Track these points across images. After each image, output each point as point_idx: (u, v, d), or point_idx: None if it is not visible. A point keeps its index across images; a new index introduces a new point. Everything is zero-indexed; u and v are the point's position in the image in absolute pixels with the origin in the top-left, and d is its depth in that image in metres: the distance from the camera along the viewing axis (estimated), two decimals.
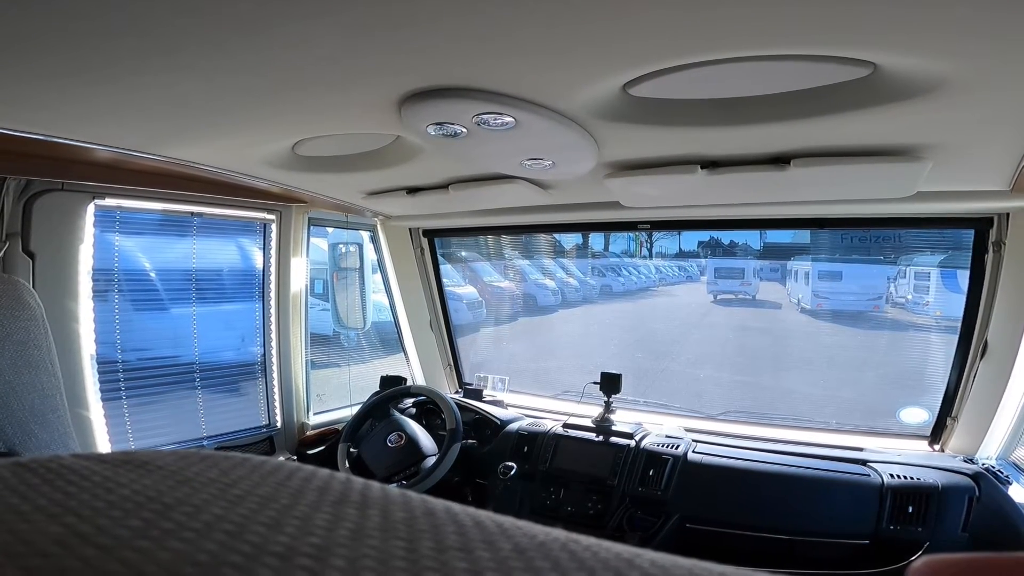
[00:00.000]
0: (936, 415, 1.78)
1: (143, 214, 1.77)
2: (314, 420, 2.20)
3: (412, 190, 1.67)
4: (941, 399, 1.75)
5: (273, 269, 2.05)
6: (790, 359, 6.18)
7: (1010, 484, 1.48)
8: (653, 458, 1.73)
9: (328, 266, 2.33)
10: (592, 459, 1.81)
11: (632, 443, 1.79)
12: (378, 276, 2.47)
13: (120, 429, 1.72)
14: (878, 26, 0.60)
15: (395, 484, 1.78)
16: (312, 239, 2.16)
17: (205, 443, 1.92)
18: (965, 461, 1.60)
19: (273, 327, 2.07)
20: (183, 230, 1.88)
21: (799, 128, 0.97)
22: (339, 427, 2.18)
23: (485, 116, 0.90)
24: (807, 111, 0.89)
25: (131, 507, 0.18)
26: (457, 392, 2.52)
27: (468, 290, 5.90)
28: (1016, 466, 1.58)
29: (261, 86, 0.85)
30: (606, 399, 1.94)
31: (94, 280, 1.61)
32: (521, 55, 0.72)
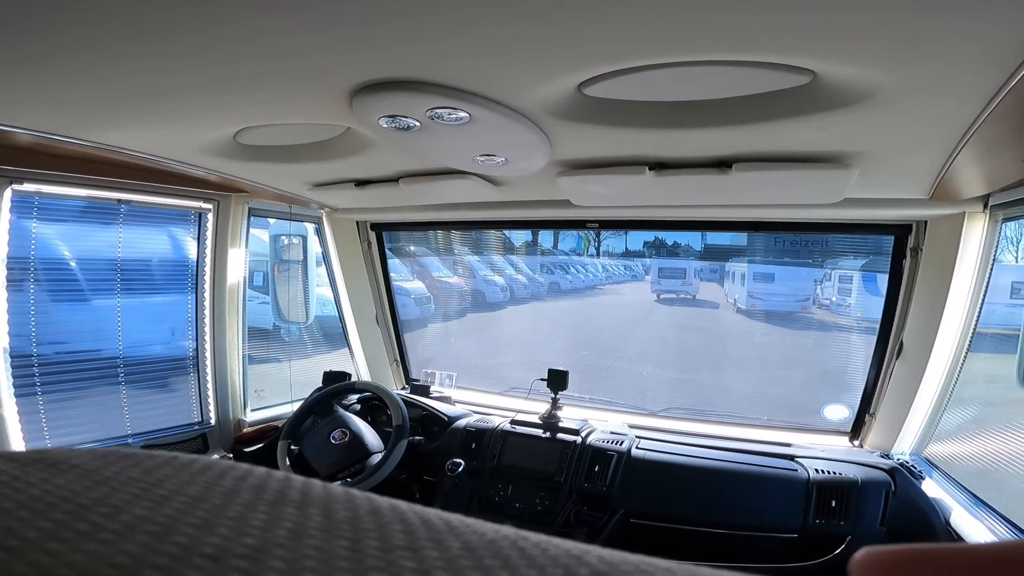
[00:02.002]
0: (856, 412, 1.89)
1: (65, 200, 1.65)
2: (252, 417, 2.13)
3: (361, 183, 1.63)
4: (861, 397, 1.87)
5: (208, 260, 1.95)
6: (727, 357, 6.46)
7: (923, 479, 1.58)
8: (598, 454, 1.77)
9: (269, 258, 2.24)
10: (539, 455, 1.83)
11: (578, 439, 1.82)
12: (322, 269, 2.40)
13: (35, 427, 1.60)
14: (816, 34, 0.63)
15: (339, 482, 1.73)
16: (253, 230, 2.07)
17: (130, 441, 1.82)
18: (882, 456, 1.71)
19: (207, 320, 1.98)
20: (109, 218, 1.76)
21: (742, 133, 1.01)
22: (279, 424, 2.11)
23: (439, 110, 0.88)
24: (750, 117, 0.93)
25: (42, 508, 0.17)
26: (404, 388, 2.49)
27: (416, 285, 5.82)
28: (928, 461, 1.70)
29: (202, 73, 0.80)
30: (553, 396, 1.97)
31: (8, 269, 1.50)
32: (479, 51, 0.72)
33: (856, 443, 1.88)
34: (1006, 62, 0.64)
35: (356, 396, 2.11)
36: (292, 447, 1.89)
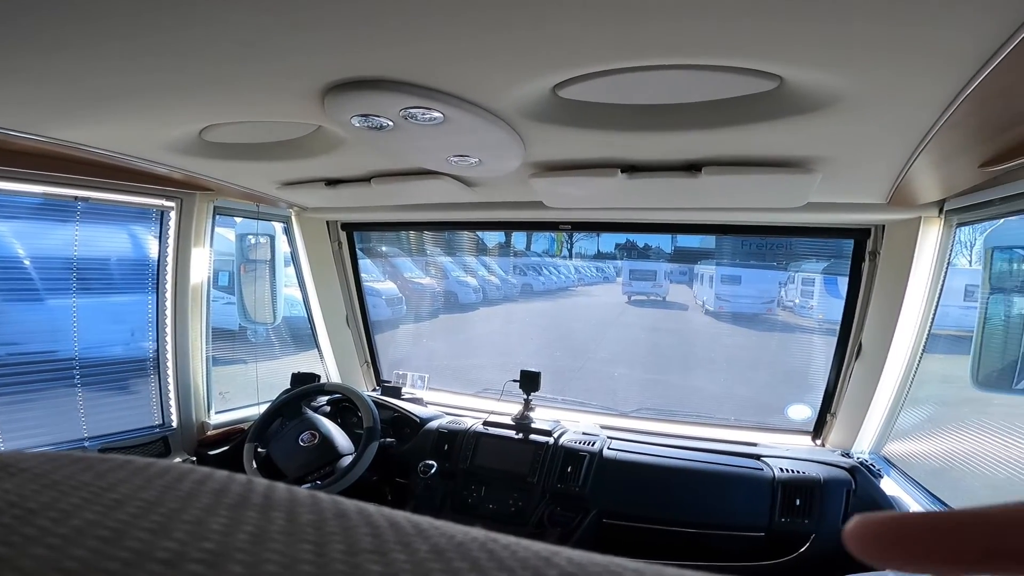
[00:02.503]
0: (818, 412, 1.95)
1: (19, 197, 1.58)
2: (216, 419, 2.08)
3: (331, 182, 1.60)
4: (822, 397, 1.92)
5: (170, 260, 1.90)
6: (695, 358, 6.59)
7: (881, 477, 1.63)
8: (571, 455, 1.78)
9: (235, 258, 2.19)
10: (512, 456, 1.83)
11: (551, 440, 1.83)
12: (291, 269, 2.35)
13: None
14: (783, 40, 0.64)
15: (309, 484, 1.73)
16: (218, 229, 2.01)
17: (87, 444, 1.76)
18: (843, 455, 1.76)
19: (169, 321, 1.92)
20: (66, 215, 1.70)
21: (711, 137, 1.03)
22: (245, 426, 2.07)
23: (413, 110, 0.88)
24: (720, 121, 0.95)
25: None
26: (375, 390, 2.47)
27: (388, 286, 5.76)
28: (887, 460, 1.75)
29: (168, 70, 0.78)
30: (526, 397, 1.97)
31: None
32: (454, 51, 0.71)
33: (818, 442, 1.93)
34: (962, 70, 0.67)
35: (325, 398, 2.08)
36: (259, 450, 1.86)
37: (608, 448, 1.80)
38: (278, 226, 2.24)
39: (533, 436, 1.87)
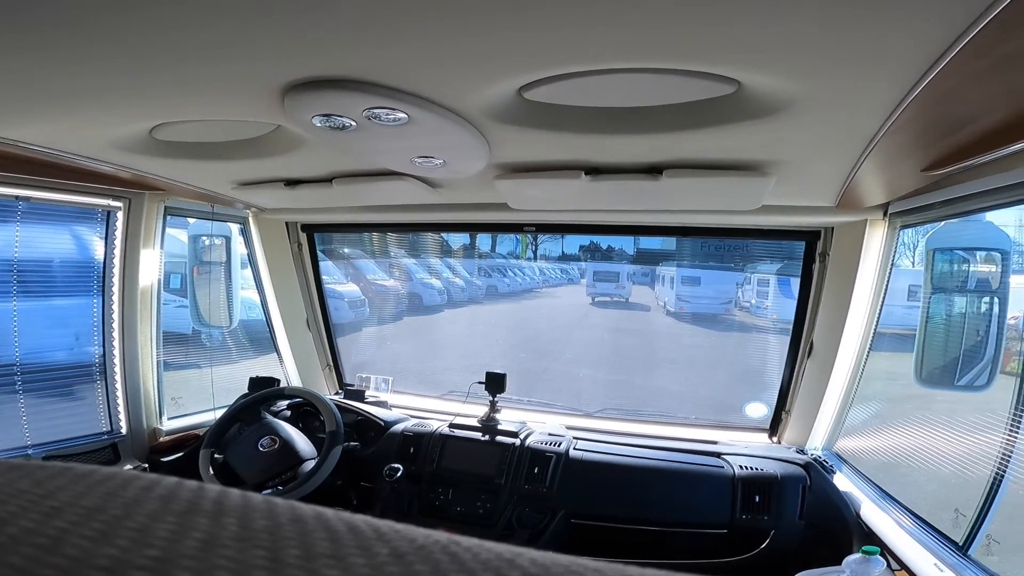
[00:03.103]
0: (774, 409, 2.01)
1: None
2: (169, 425, 2.01)
3: (291, 182, 1.56)
4: (777, 394, 1.98)
5: (118, 261, 1.82)
6: (657, 358, 6.72)
7: (834, 473, 1.69)
8: (537, 456, 1.79)
9: (187, 259, 2.11)
10: (479, 458, 1.83)
11: (517, 442, 1.84)
12: (248, 271, 2.28)
13: None
14: (741, 45, 0.66)
15: (269, 490, 1.70)
16: (170, 230, 1.94)
17: (31, 452, 1.69)
18: (797, 452, 1.82)
19: (116, 325, 1.85)
20: (5, 215, 1.62)
21: (672, 141, 1.05)
22: (200, 432, 2.02)
23: (377, 110, 0.86)
24: (680, 124, 0.97)
25: None
26: (337, 393, 2.43)
27: (350, 288, 5.65)
28: (838, 456, 1.82)
29: (116, 66, 0.74)
30: (491, 399, 1.97)
31: None
32: (420, 52, 0.70)
33: (774, 439, 1.99)
34: (905, 76, 0.70)
35: (286, 402, 2.04)
36: (216, 456, 1.80)
37: (574, 449, 1.82)
38: (234, 227, 2.18)
39: (499, 438, 1.87)
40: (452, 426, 1.94)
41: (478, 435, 1.89)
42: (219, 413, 1.99)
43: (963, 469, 1.61)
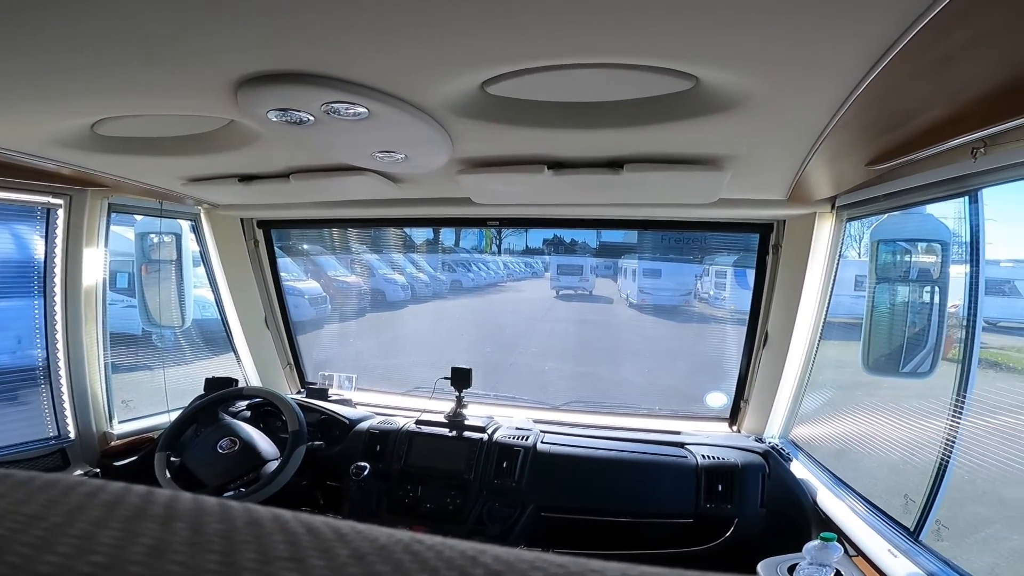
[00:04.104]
0: (733, 399, 2.06)
1: None
2: (121, 428, 1.94)
3: (246, 178, 1.51)
4: (736, 384, 2.04)
5: (59, 261, 1.73)
6: (621, 350, 6.84)
7: (791, 460, 1.75)
8: (506, 450, 1.80)
9: (135, 258, 2.02)
10: (447, 454, 1.82)
11: (485, 437, 1.84)
12: (202, 269, 2.20)
13: None
14: (698, 41, 0.68)
15: (232, 492, 1.66)
16: (115, 227, 1.86)
17: None
18: (756, 440, 1.88)
19: (59, 326, 1.76)
20: None
21: (633, 135, 1.07)
22: (155, 435, 1.94)
23: (336, 105, 0.84)
24: (640, 119, 0.98)
25: None
26: (299, 392, 2.38)
27: (311, 285, 5.53)
28: (794, 443, 1.88)
29: (55, 58, 0.70)
30: (458, 394, 1.96)
31: None
32: (381, 45, 0.69)
33: (734, 428, 2.04)
34: (852, 74, 0.73)
35: (245, 403, 1.99)
36: (172, 458, 1.75)
37: (542, 442, 1.83)
38: (184, 224, 2.09)
39: (467, 433, 1.86)
40: (419, 423, 1.93)
41: (445, 431, 1.89)
42: (174, 415, 1.93)
43: (910, 455, 1.69)
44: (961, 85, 0.80)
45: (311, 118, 0.90)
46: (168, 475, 1.71)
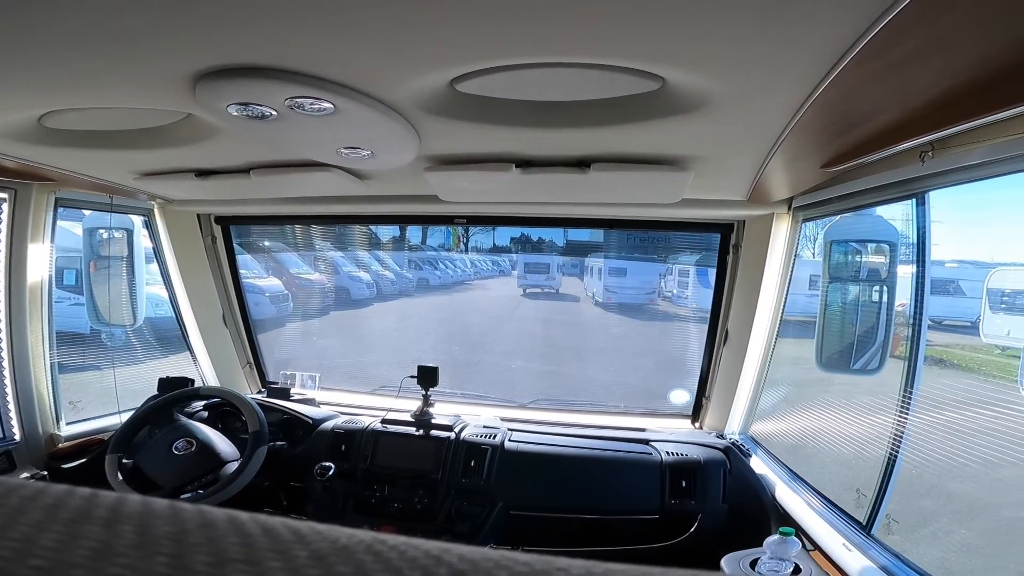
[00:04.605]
0: (695, 396, 2.10)
1: None
2: (69, 430, 1.86)
3: (203, 173, 1.46)
4: (698, 381, 2.08)
5: (2, 257, 1.65)
6: (587, 348, 6.91)
7: (750, 456, 1.80)
8: (473, 449, 1.79)
9: (83, 254, 1.94)
10: (414, 453, 1.81)
11: (452, 435, 1.83)
12: (155, 266, 2.13)
13: None
14: (664, 42, 0.69)
15: (189, 494, 1.62)
16: (61, 222, 1.78)
17: None
18: (717, 437, 1.92)
19: (2, 324, 1.69)
20: None
21: (600, 135, 1.08)
22: (105, 437, 1.87)
23: (301, 100, 0.82)
24: (607, 119, 1.00)
25: None
26: (260, 392, 2.33)
27: (272, 282, 5.39)
28: (754, 439, 1.93)
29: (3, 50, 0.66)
30: (424, 393, 1.95)
31: None
32: (348, 39, 0.68)
33: (696, 425, 2.08)
34: (809, 77, 0.76)
35: (202, 403, 1.93)
36: (124, 460, 1.68)
37: (509, 440, 1.83)
38: (137, 219, 2.01)
39: (434, 432, 1.85)
40: (385, 422, 1.91)
41: (412, 430, 1.87)
42: (126, 417, 1.86)
43: (861, 450, 1.75)
44: (911, 90, 0.84)
45: (274, 113, 0.87)
46: (120, 477, 1.65)
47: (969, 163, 1.00)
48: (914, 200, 1.32)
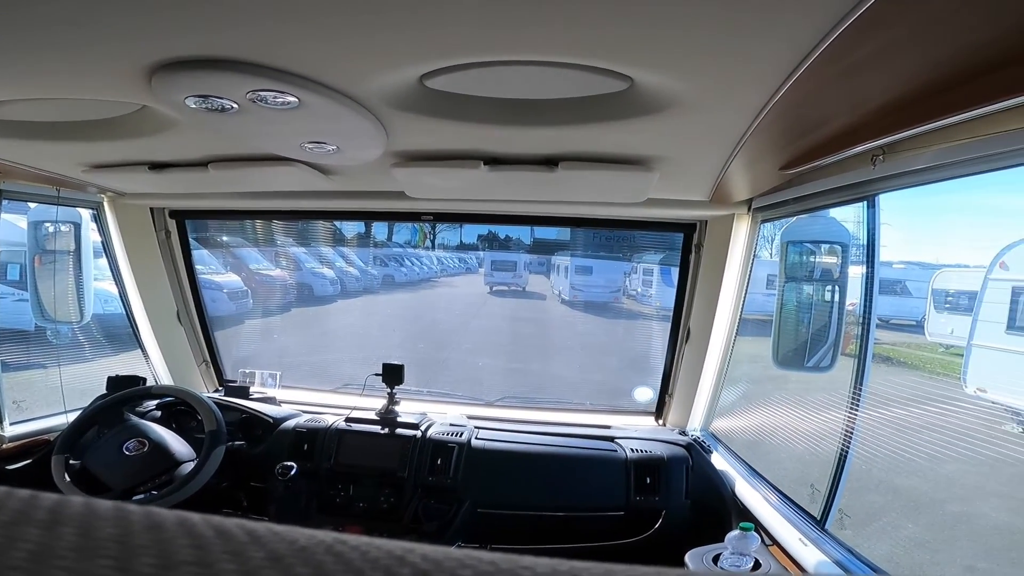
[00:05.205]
0: (658, 393, 2.14)
1: None
2: (13, 431, 1.79)
3: (157, 166, 1.41)
4: (661, 379, 2.11)
5: None
6: (554, 346, 6.96)
7: (711, 453, 1.83)
8: (440, 447, 1.78)
9: (27, 249, 1.84)
10: (379, 452, 1.79)
11: (418, 433, 1.82)
12: (105, 260, 2.04)
13: None
14: (633, 42, 0.70)
15: (142, 496, 1.57)
16: (5, 215, 1.69)
17: None
18: (680, 433, 1.96)
19: None
20: None
21: (568, 134, 1.09)
22: (51, 437, 1.80)
23: (264, 93, 0.80)
24: (576, 118, 1.00)
25: None
26: (217, 391, 2.26)
27: (230, 278, 5.22)
28: (714, 436, 1.98)
29: None
30: (389, 391, 1.93)
31: None
32: (314, 32, 0.66)
33: (660, 422, 2.12)
34: (771, 81, 0.78)
35: (155, 402, 1.87)
36: (71, 461, 1.62)
37: (476, 438, 1.83)
38: (85, 212, 1.92)
39: (400, 430, 1.83)
40: (349, 420, 1.88)
41: (377, 428, 1.85)
42: (73, 417, 1.79)
43: (815, 445, 1.82)
44: (865, 95, 0.87)
45: (235, 106, 0.84)
46: (67, 479, 1.59)
47: (917, 167, 1.04)
48: (865, 203, 1.37)
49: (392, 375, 1.92)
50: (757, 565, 1.31)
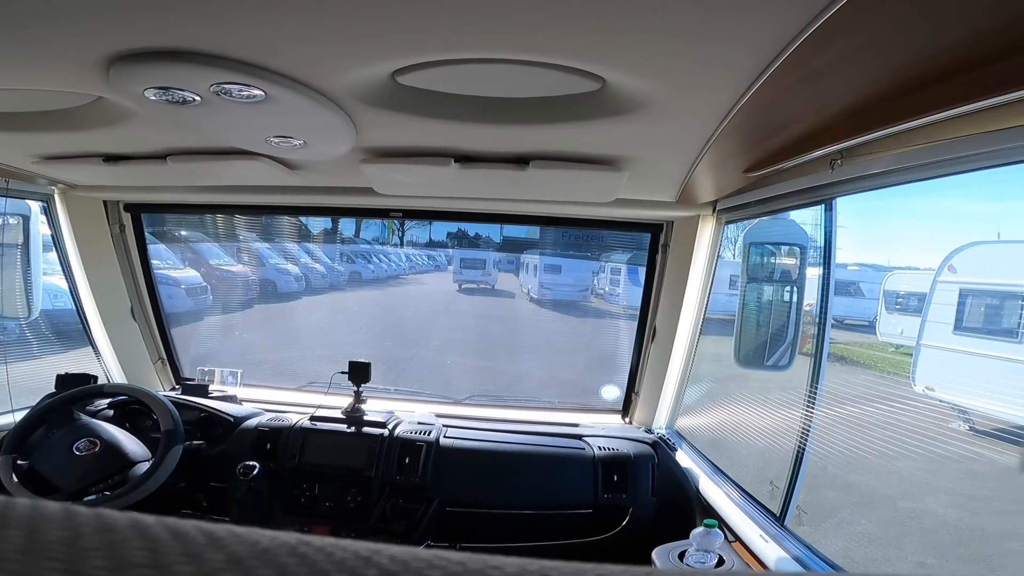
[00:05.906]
0: (625, 391, 2.17)
1: None
2: None
3: (112, 158, 1.35)
4: (627, 377, 2.15)
5: None
6: (523, 344, 6.96)
7: (676, 450, 1.87)
8: (408, 445, 1.77)
9: None
10: (346, 451, 1.76)
11: (385, 432, 1.80)
12: (54, 255, 1.95)
13: None
14: (605, 43, 0.71)
15: (94, 496, 1.52)
16: None
17: None
18: (646, 431, 1.99)
19: None
20: None
21: (539, 133, 1.09)
22: None
23: (228, 86, 0.77)
24: (548, 118, 1.01)
25: None
26: (174, 389, 2.20)
27: (188, 274, 5.04)
28: (679, 434, 2.02)
29: None
30: (356, 389, 1.90)
31: None
32: (282, 24, 0.64)
33: (627, 420, 2.15)
34: (737, 85, 0.80)
35: (107, 401, 1.81)
36: (19, 462, 1.55)
37: (444, 436, 1.82)
38: (35, 205, 1.83)
39: (367, 429, 1.81)
40: (314, 419, 1.85)
41: (343, 427, 1.82)
42: (21, 416, 1.71)
43: (774, 443, 1.87)
44: (825, 100, 0.90)
45: (197, 98, 0.82)
46: (15, 479, 1.52)
47: (873, 171, 1.09)
48: (823, 205, 1.42)
49: (359, 373, 1.90)
50: (721, 562, 1.34)
